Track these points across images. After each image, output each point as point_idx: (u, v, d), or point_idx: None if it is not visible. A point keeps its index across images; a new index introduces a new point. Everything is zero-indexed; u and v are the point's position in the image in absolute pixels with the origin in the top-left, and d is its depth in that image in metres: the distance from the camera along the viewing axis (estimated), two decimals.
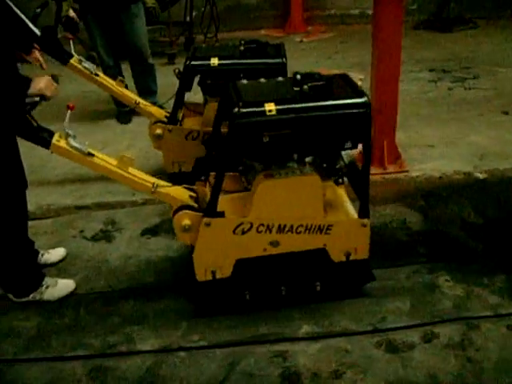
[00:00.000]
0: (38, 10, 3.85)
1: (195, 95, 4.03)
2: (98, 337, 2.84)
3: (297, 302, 2.96)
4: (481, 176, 4.16)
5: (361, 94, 2.66)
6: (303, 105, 2.59)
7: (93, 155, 2.76)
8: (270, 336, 2.81)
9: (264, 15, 8.61)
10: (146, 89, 5.17)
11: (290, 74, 3.76)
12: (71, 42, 4.17)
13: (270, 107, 2.52)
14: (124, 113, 5.18)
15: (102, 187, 4.09)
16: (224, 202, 2.82)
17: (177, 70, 3.80)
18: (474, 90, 5.71)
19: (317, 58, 6.89)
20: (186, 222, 2.73)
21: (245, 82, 2.80)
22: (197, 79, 3.79)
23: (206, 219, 2.69)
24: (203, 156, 3.77)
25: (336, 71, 5.23)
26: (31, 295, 3.06)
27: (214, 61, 3.65)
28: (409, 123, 4.85)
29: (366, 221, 2.82)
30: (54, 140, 2.70)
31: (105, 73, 4.38)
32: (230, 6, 8.33)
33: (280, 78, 2.86)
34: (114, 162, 2.79)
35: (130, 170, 2.81)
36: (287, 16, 8.37)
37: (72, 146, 2.72)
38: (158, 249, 3.49)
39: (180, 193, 2.89)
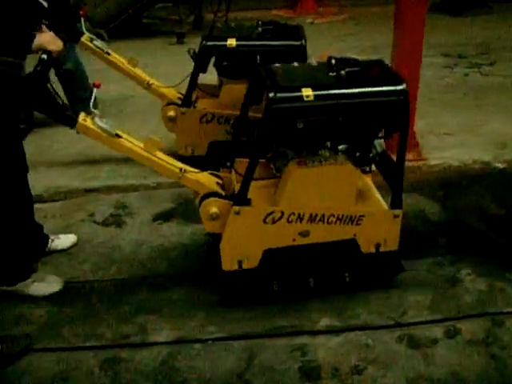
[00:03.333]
0: None
1: (207, 76, 3.89)
2: (111, 326, 2.75)
3: (316, 294, 2.87)
4: (500, 166, 4.06)
5: (399, 81, 2.57)
6: (341, 91, 2.51)
7: (120, 137, 2.66)
8: (289, 328, 2.72)
9: None
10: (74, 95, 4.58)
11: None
12: (82, 19, 4.02)
13: (308, 93, 2.44)
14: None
15: (112, 169, 3.98)
16: (250, 190, 2.72)
17: (192, 51, 3.68)
18: (491, 76, 5.58)
19: (329, 40, 6.75)
20: (214, 209, 2.66)
21: (278, 65, 2.71)
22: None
23: (235, 207, 2.61)
24: (217, 140, 3.69)
25: (349, 55, 5.13)
26: (18, 285, 2.92)
27: (232, 42, 3.53)
28: (425, 110, 4.71)
29: (398, 211, 2.75)
30: (81, 119, 2.60)
31: None
32: None
33: (314, 63, 2.76)
34: (141, 145, 2.69)
35: (157, 153, 2.71)
36: None
37: (99, 127, 2.62)
38: (170, 235, 3.39)
39: (207, 179, 2.81)
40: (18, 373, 2.54)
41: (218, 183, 2.83)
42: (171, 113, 3.66)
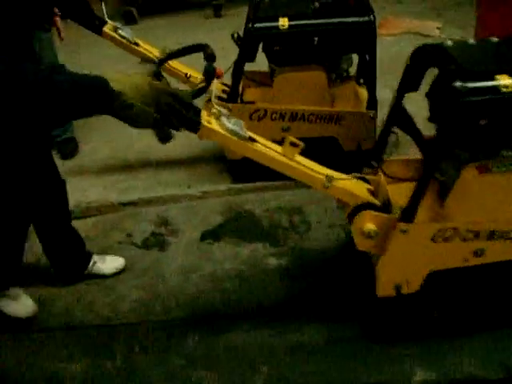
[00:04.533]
0: None
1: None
2: None
3: (409, 338, 2.34)
4: None
5: None
6: None
7: (254, 140, 2.09)
8: None
9: None
10: None
11: None
12: (103, 4, 3.42)
13: (507, 81, 1.91)
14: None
15: (150, 176, 3.46)
16: (396, 193, 2.25)
17: (236, 35, 3.08)
18: None
19: (381, 3, 6.01)
20: (371, 226, 2.16)
21: (449, 43, 2.15)
22: None
23: (402, 225, 2.09)
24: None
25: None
26: None
27: (284, 22, 2.92)
28: None
29: None
30: (205, 121, 2.00)
31: None
32: None
33: (494, 39, 2.15)
34: (278, 149, 2.15)
35: (297, 157, 2.16)
36: None
37: (228, 129, 2.05)
38: (223, 259, 2.87)
39: (358, 187, 2.27)
40: None
41: (368, 190, 2.30)
42: (214, 110, 3.09)
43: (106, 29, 3.15)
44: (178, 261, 2.89)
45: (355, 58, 3.23)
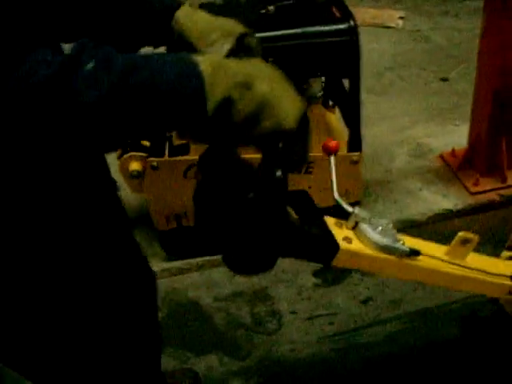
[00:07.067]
0: None
1: None
2: None
3: None
4: None
5: None
6: None
7: (418, 253, 1.26)
8: None
9: None
10: None
11: None
12: None
13: None
14: None
15: None
16: None
17: None
18: None
19: None
20: None
21: None
22: None
23: None
24: None
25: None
26: None
27: None
28: None
29: None
30: (341, 240, 1.21)
31: None
32: None
33: None
34: (442, 250, 1.35)
35: (471, 258, 1.39)
36: None
37: (379, 246, 1.23)
38: None
39: None
40: None
41: None
42: (135, 166, 2.17)
43: None
44: None
45: None
